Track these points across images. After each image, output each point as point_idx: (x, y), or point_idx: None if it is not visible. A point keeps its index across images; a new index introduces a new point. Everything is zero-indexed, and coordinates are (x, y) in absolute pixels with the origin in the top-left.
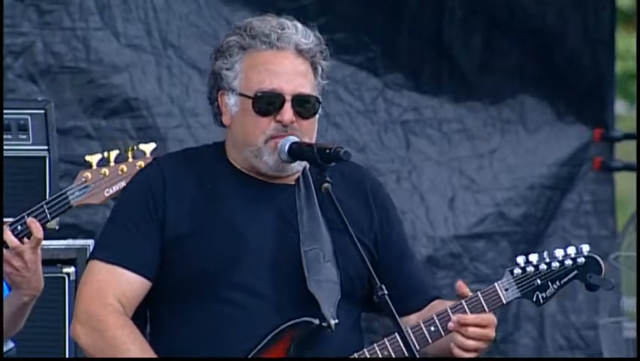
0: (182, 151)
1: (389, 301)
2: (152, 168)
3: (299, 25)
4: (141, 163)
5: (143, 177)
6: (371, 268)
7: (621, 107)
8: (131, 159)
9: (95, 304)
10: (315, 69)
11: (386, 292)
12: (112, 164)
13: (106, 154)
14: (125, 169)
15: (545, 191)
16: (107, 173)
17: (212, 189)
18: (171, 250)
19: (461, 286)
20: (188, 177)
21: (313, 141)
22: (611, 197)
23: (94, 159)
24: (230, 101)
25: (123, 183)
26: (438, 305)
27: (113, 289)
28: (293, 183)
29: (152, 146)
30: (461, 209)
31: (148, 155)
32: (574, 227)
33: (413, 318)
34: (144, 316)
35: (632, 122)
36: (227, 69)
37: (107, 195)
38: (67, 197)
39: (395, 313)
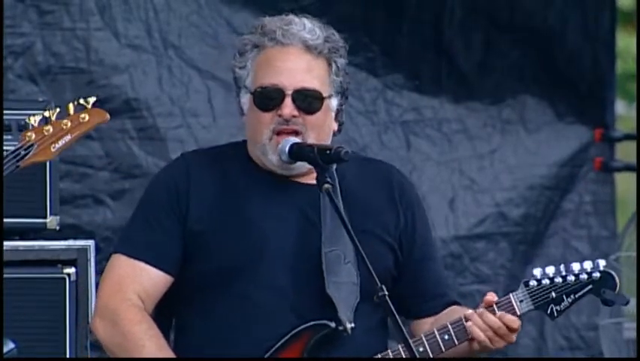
0: (207, 149)
1: (389, 302)
2: (178, 164)
3: (307, 21)
4: (84, 115)
5: (168, 171)
6: (372, 271)
7: (619, 107)
8: (72, 114)
9: (114, 299)
10: (329, 66)
11: (386, 293)
12: (53, 121)
13: (46, 114)
14: (69, 123)
15: (545, 191)
16: (51, 130)
17: (236, 186)
18: (193, 245)
19: (491, 296)
20: (212, 173)
21: (326, 138)
22: (611, 197)
23: (34, 119)
24: (243, 99)
25: (69, 137)
26: (455, 311)
27: (134, 284)
28: (316, 182)
29: (92, 99)
30: (461, 209)
31: (90, 107)
32: (574, 227)
33: (429, 321)
34: (169, 313)
35: (630, 122)
36: (240, 68)
37: (53, 150)
38: (15, 157)
39: (395, 313)
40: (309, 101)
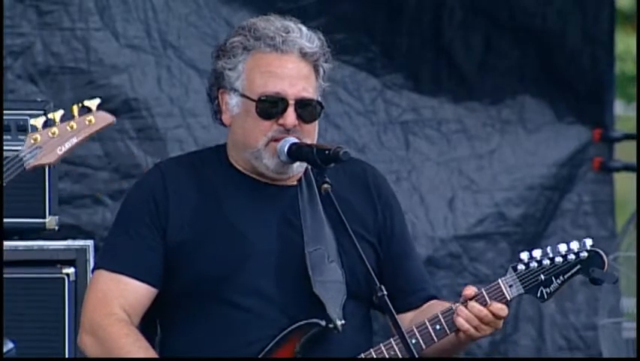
0: (183, 155)
1: (388, 302)
2: (153, 175)
3: (303, 28)
4: (90, 118)
5: (145, 183)
6: (370, 269)
7: (618, 107)
8: (77, 116)
9: (99, 314)
10: (317, 71)
11: (385, 292)
12: (58, 123)
13: (50, 115)
14: (75, 125)
15: (545, 191)
16: (57, 132)
17: (215, 193)
18: (175, 255)
19: (468, 290)
20: (189, 181)
21: (313, 141)
22: (610, 197)
23: (39, 121)
24: (232, 102)
25: (75, 140)
26: (436, 305)
27: (118, 298)
28: (295, 183)
29: (96, 101)
30: (461, 209)
31: (94, 110)
32: (573, 227)
33: (409, 316)
34: (154, 325)
35: (629, 122)
36: (229, 69)
37: (59, 153)
38: (21, 160)
39: (395, 314)
40: (309, 110)
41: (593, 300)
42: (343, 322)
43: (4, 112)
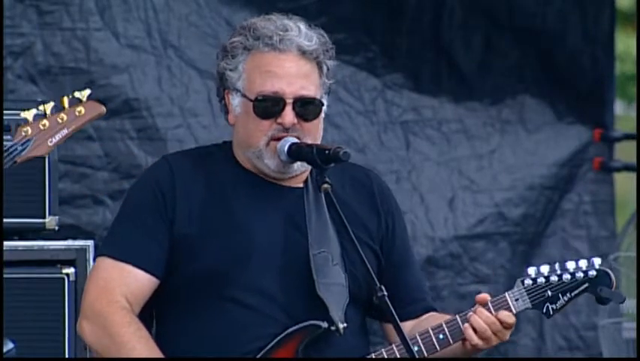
0: (190, 150)
1: (389, 303)
2: (161, 166)
3: (302, 26)
4: (80, 109)
5: (152, 174)
6: (372, 271)
7: (618, 107)
8: (67, 108)
9: (101, 301)
10: (320, 69)
11: (385, 293)
12: (49, 115)
13: (41, 108)
14: (65, 117)
15: (545, 191)
16: (47, 124)
17: (221, 189)
18: (179, 248)
19: (482, 298)
20: (196, 176)
21: (318, 141)
22: (610, 197)
23: (30, 114)
24: (235, 102)
25: (65, 131)
26: (436, 317)
27: (120, 286)
28: (301, 185)
29: (87, 92)
30: (461, 209)
31: (85, 100)
32: (573, 227)
33: (408, 325)
34: (150, 315)
35: (629, 122)
36: (231, 70)
37: (50, 144)
38: (11, 153)
39: (395, 314)
40: (308, 108)
41: (593, 300)
42: (345, 325)
43: (4, 112)
